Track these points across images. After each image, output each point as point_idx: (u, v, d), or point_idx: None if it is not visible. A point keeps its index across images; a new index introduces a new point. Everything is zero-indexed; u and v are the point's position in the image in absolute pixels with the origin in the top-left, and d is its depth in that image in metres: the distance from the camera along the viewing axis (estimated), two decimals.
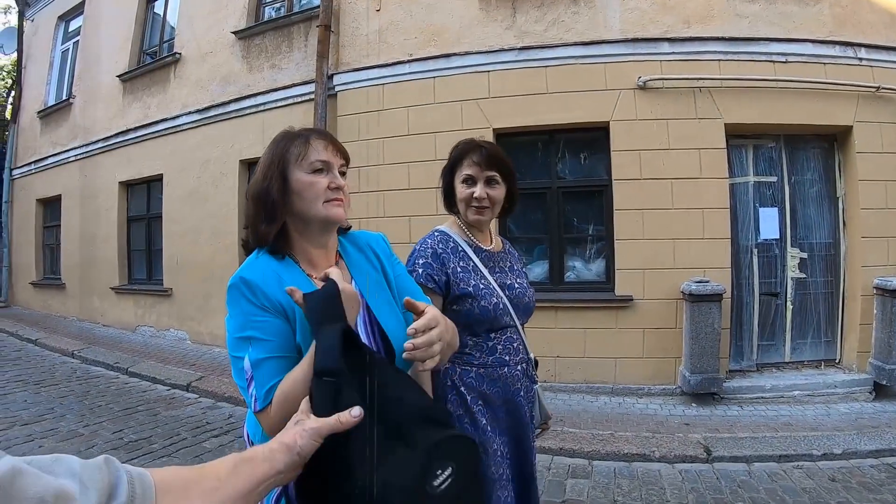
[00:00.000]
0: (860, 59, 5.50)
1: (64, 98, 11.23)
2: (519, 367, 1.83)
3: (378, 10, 6.64)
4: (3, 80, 19.65)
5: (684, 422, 4.72)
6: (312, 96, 6.75)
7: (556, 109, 5.77)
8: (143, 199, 9.55)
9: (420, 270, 1.76)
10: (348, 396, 0.90)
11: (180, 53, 8.69)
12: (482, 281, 1.80)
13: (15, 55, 13.50)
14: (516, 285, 1.88)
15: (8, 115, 13.88)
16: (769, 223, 5.73)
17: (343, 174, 1.34)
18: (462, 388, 1.78)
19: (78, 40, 11.20)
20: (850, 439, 4.16)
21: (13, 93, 13.52)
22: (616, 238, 5.62)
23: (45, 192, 11.63)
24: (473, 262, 1.83)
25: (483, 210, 1.83)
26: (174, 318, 8.60)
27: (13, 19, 13.83)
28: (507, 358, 1.81)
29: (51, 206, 11.75)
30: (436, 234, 1.87)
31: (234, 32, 7.91)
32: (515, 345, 1.84)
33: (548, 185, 5.92)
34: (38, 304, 11.86)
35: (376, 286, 1.39)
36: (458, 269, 1.79)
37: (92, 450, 4.27)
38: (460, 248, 1.83)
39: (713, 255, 5.42)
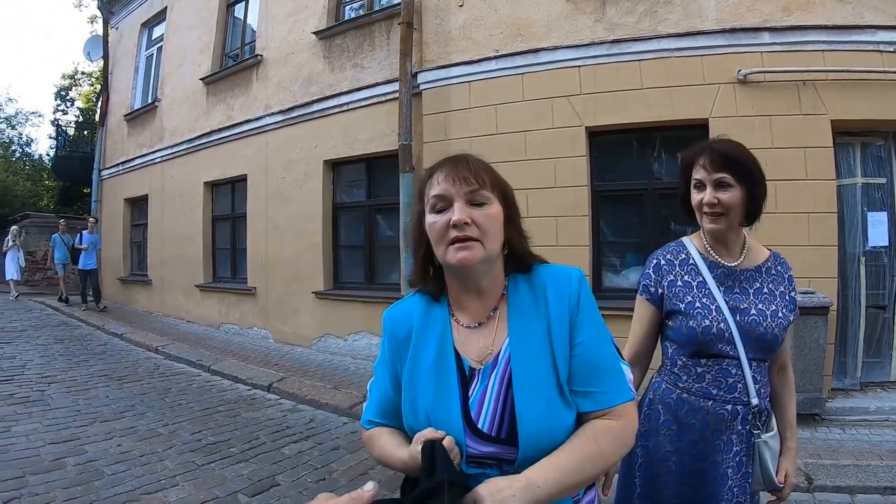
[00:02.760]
0: None
1: (149, 102, 11.75)
2: (728, 407, 1.59)
3: (461, 6, 6.58)
4: (91, 85, 20.79)
5: None
6: (396, 95, 6.76)
7: (652, 106, 5.53)
8: (228, 198, 9.84)
9: (641, 281, 1.76)
10: None
11: (262, 55, 8.89)
12: (703, 300, 1.62)
13: (101, 62, 14.16)
14: (752, 311, 1.61)
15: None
16: (878, 229, 5.28)
17: (480, 203, 1.08)
18: (659, 406, 1.69)
19: (161, 46, 11.66)
20: None
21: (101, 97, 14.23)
22: None
23: (133, 192, 12.19)
24: (702, 277, 1.65)
25: (717, 217, 1.60)
26: (257, 316, 8.80)
27: (99, 28, 14.52)
28: (713, 391, 1.60)
29: (138, 206, 12.32)
30: (671, 244, 1.78)
31: (314, 33, 8.04)
32: (731, 380, 1.59)
33: (644, 187, 5.69)
34: (125, 299, 12.46)
35: (532, 350, 1.08)
36: (679, 284, 1.67)
37: (170, 450, 4.24)
38: (691, 261, 1.69)
39: (819, 264, 5.03)
